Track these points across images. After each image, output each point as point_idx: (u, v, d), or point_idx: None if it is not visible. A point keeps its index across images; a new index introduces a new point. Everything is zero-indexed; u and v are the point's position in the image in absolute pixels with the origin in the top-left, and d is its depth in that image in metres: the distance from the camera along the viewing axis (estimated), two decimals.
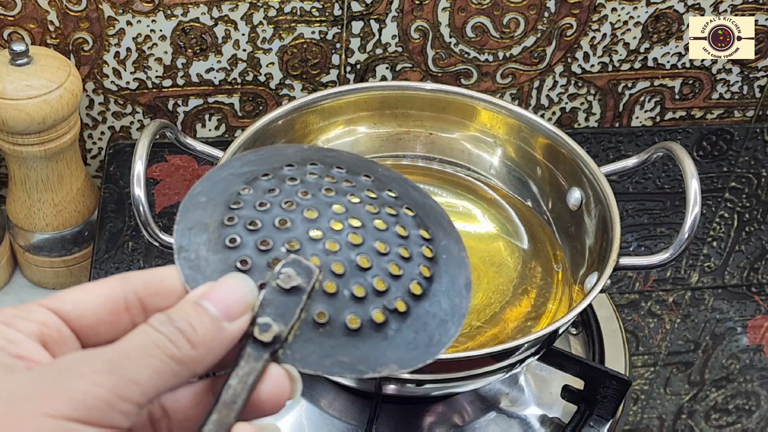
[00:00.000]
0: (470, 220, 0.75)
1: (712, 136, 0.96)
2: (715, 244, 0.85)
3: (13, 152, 0.74)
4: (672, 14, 0.88)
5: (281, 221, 0.41)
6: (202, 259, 0.40)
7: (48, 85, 0.72)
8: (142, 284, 0.39)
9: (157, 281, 0.39)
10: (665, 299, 0.80)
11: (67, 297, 0.38)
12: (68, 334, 0.38)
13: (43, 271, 0.82)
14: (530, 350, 0.62)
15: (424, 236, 0.44)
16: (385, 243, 0.42)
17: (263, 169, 0.44)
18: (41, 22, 0.79)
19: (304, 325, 0.39)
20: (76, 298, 0.38)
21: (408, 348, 0.40)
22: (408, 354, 0.40)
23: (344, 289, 0.40)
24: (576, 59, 0.90)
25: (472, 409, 0.69)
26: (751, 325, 0.78)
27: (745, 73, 0.94)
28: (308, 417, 0.68)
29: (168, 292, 0.39)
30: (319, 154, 0.46)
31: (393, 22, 0.84)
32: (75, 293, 0.38)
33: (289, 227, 0.41)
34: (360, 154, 0.77)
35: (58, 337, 0.37)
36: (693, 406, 0.72)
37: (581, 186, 0.70)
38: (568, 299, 0.69)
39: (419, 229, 0.44)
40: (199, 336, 0.36)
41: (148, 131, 0.63)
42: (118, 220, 0.81)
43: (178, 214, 0.41)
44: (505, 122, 0.75)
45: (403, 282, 0.42)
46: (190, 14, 0.81)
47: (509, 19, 0.86)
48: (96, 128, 0.87)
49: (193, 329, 0.36)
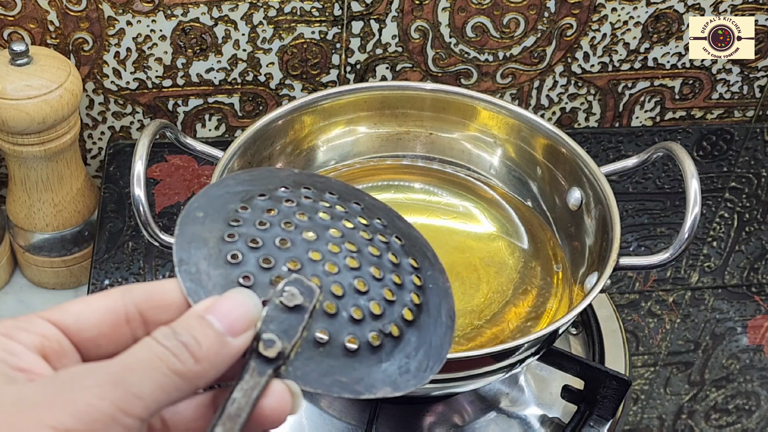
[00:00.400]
0: (470, 220, 0.75)
1: (712, 136, 0.96)
2: (715, 244, 0.85)
3: (13, 152, 0.74)
4: (672, 14, 0.88)
5: (282, 241, 0.42)
6: (203, 273, 0.40)
7: (48, 85, 0.72)
8: (144, 297, 0.39)
9: (158, 295, 0.39)
10: (665, 299, 0.80)
11: (69, 309, 0.38)
12: (69, 346, 0.38)
13: (43, 271, 0.82)
14: (530, 350, 0.62)
15: (413, 265, 0.45)
16: (379, 269, 0.43)
17: (258, 189, 0.44)
18: (41, 22, 0.79)
19: (306, 343, 0.40)
20: (77, 310, 0.38)
21: (401, 371, 0.41)
22: (401, 377, 0.41)
23: (343, 311, 0.41)
24: (576, 59, 0.90)
25: (472, 409, 0.69)
26: (751, 325, 0.78)
27: (745, 73, 0.94)
28: (308, 417, 0.68)
29: (169, 305, 0.39)
30: (310, 179, 0.47)
31: (393, 22, 0.84)
32: (76, 306, 0.38)
33: (289, 247, 0.42)
34: (360, 154, 0.77)
35: (58, 349, 0.37)
36: (693, 406, 0.72)
37: (581, 186, 0.70)
38: (568, 299, 0.69)
39: (408, 258, 0.45)
40: (203, 351, 0.36)
41: (148, 131, 0.63)
42: (118, 220, 0.81)
43: (176, 228, 0.41)
44: (505, 122, 0.75)
45: (396, 308, 0.43)
46: (190, 14, 0.81)
47: (509, 19, 0.86)
48: (96, 128, 0.87)
49: (198, 343, 0.36)
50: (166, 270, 0.78)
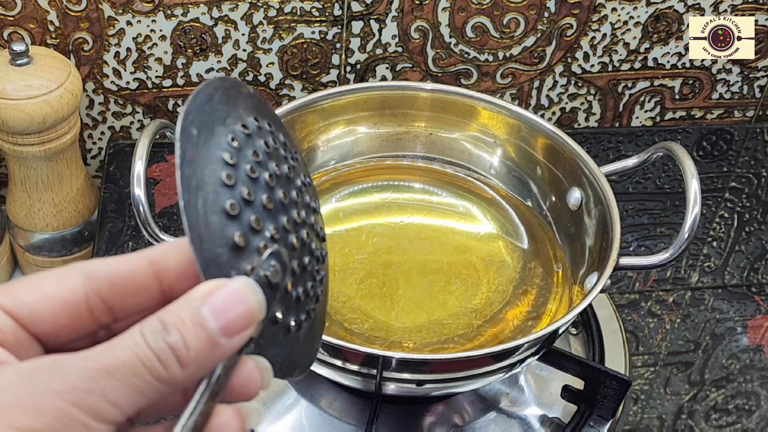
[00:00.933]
0: (470, 220, 0.75)
1: (712, 136, 0.96)
2: (715, 244, 0.85)
3: (13, 152, 0.74)
4: (672, 14, 0.88)
5: (268, 200, 0.39)
6: (201, 216, 0.36)
7: (48, 85, 0.72)
8: (108, 284, 0.35)
9: (124, 278, 0.36)
10: (665, 299, 0.80)
11: (23, 299, 0.35)
12: (25, 337, 0.35)
13: (43, 271, 0.82)
14: (530, 350, 0.62)
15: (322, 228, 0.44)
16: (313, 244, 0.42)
17: (235, 114, 0.40)
18: (41, 22, 0.79)
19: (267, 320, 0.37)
20: (32, 302, 0.35)
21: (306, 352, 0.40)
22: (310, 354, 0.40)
23: (294, 290, 0.39)
24: (576, 59, 0.90)
25: (472, 409, 0.69)
26: (751, 325, 0.78)
27: (745, 73, 0.94)
28: (308, 417, 0.68)
29: (137, 290, 0.36)
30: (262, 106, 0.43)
31: (393, 22, 0.84)
32: (31, 296, 0.35)
33: (271, 209, 0.39)
34: (360, 154, 0.77)
35: (14, 341, 0.35)
36: (693, 406, 0.72)
37: (581, 186, 0.70)
38: (568, 299, 0.69)
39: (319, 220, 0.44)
40: (191, 355, 0.33)
41: (148, 131, 0.63)
42: (118, 220, 0.81)
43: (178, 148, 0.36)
44: (505, 122, 0.75)
45: (317, 286, 0.41)
46: (190, 14, 0.81)
47: (509, 19, 0.86)
48: (96, 128, 0.87)
49: (186, 347, 0.33)
50: None
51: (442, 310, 0.68)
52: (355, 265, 0.70)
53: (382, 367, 0.60)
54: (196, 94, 0.38)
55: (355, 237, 0.72)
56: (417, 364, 0.61)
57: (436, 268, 0.70)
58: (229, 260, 0.36)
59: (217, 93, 0.40)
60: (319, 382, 0.69)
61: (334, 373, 0.63)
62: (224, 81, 0.40)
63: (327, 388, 0.69)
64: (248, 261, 0.37)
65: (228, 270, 0.36)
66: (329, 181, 0.76)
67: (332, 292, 0.68)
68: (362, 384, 0.64)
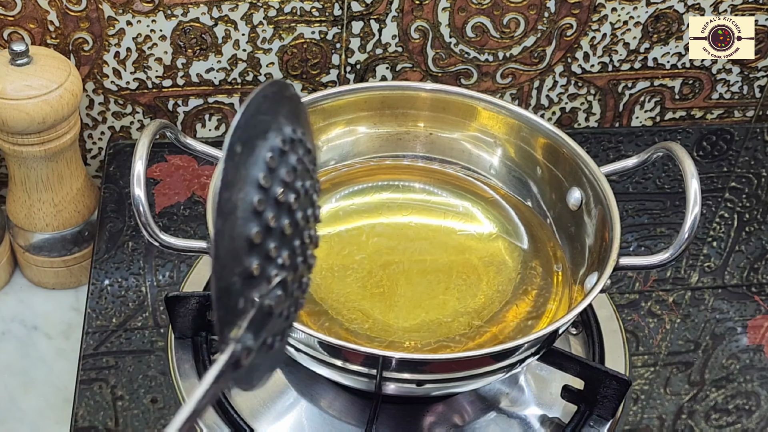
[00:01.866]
0: (470, 220, 0.75)
1: (712, 136, 0.96)
2: (715, 244, 0.85)
3: (13, 152, 0.74)
4: (672, 14, 0.88)
5: (288, 226, 0.40)
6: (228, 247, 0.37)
7: (48, 85, 0.72)
8: None
9: None
10: (665, 299, 0.80)
11: None
12: None
13: (43, 271, 0.82)
14: (530, 350, 0.62)
15: None
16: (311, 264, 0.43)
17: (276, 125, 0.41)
18: (41, 22, 0.79)
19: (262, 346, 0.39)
20: None
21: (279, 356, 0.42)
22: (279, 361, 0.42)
23: (282, 313, 0.41)
24: (576, 59, 0.90)
25: (472, 409, 0.69)
26: (751, 325, 0.78)
27: (745, 73, 0.94)
28: (308, 417, 0.68)
29: None
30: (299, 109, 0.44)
31: (393, 22, 0.84)
32: None
33: (288, 236, 0.40)
34: (360, 154, 0.77)
35: None
36: (693, 406, 0.72)
37: (581, 186, 0.70)
38: (568, 299, 0.69)
39: None
40: None
41: (148, 131, 0.63)
42: (118, 220, 0.81)
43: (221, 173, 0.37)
44: (505, 122, 0.75)
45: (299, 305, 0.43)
46: (190, 14, 0.81)
47: (509, 19, 0.86)
48: (96, 128, 0.87)
49: None
50: (166, 270, 0.78)
51: (442, 310, 0.68)
52: (355, 265, 0.70)
53: (382, 367, 0.60)
54: (248, 105, 0.39)
55: (355, 237, 0.72)
56: (417, 364, 0.61)
57: (436, 268, 0.70)
58: (240, 288, 0.38)
59: (266, 102, 0.40)
60: (319, 382, 0.69)
61: (334, 373, 0.63)
62: (272, 86, 0.41)
63: (327, 388, 0.69)
64: (257, 290, 0.38)
65: (237, 299, 0.37)
66: (329, 181, 0.76)
67: (332, 292, 0.68)
68: (362, 384, 0.64)
